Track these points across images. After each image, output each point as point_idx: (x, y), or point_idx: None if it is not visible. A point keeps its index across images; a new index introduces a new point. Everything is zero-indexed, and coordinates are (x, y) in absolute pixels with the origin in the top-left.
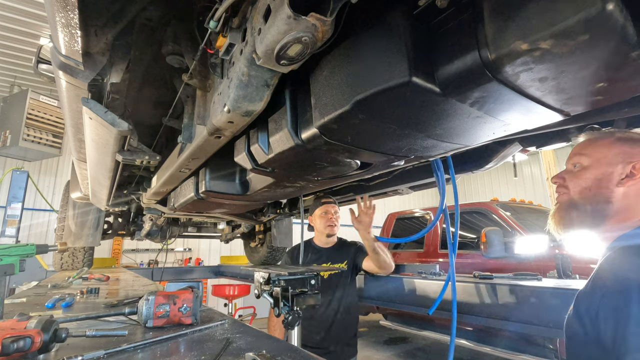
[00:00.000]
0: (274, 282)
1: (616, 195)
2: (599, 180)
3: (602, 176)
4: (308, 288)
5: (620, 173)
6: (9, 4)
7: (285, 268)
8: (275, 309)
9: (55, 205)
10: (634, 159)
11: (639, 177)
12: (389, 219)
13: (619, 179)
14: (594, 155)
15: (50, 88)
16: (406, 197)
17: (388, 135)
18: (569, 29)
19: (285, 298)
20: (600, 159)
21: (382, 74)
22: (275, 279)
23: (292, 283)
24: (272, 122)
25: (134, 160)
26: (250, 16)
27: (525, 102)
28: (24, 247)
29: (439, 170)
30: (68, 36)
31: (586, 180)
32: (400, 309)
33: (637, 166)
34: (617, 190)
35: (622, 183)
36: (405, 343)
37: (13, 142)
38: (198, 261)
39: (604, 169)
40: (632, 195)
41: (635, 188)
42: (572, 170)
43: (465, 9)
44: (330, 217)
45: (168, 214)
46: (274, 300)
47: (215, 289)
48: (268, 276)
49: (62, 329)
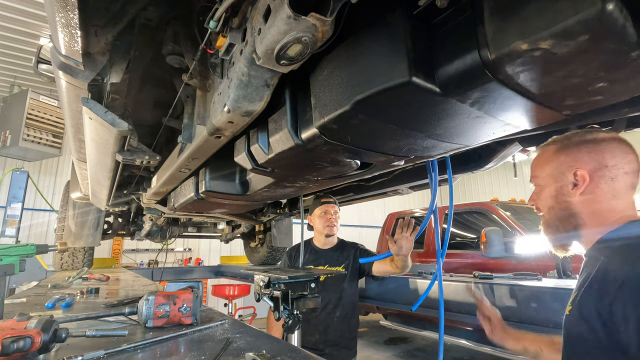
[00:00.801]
0: (273, 285)
1: (576, 206)
2: (555, 197)
3: (555, 192)
4: (308, 291)
5: (566, 184)
6: (9, 4)
7: (285, 271)
8: (275, 312)
9: (55, 205)
10: (573, 167)
11: (584, 184)
12: (389, 219)
13: (569, 190)
14: (542, 174)
15: (50, 88)
16: (406, 197)
17: (388, 135)
18: (569, 29)
19: (285, 302)
20: (548, 176)
21: (382, 74)
22: (275, 282)
23: (292, 286)
24: (272, 122)
25: (134, 160)
26: (250, 16)
27: (525, 102)
28: (24, 247)
29: (433, 172)
30: (68, 36)
31: (546, 199)
32: (400, 309)
33: (577, 173)
34: (573, 200)
35: (573, 193)
36: (405, 343)
37: (13, 142)
38: (198, 261)
39: (554, 185)
40: (590, 201)
41: (589, 193)
42: (536, 192)
43: (465, 9)
44: (330, 217)
45: (168, 214)
46: (274, 304)
47: (215, 289)
48: (268, 280)
49: (62, 329)
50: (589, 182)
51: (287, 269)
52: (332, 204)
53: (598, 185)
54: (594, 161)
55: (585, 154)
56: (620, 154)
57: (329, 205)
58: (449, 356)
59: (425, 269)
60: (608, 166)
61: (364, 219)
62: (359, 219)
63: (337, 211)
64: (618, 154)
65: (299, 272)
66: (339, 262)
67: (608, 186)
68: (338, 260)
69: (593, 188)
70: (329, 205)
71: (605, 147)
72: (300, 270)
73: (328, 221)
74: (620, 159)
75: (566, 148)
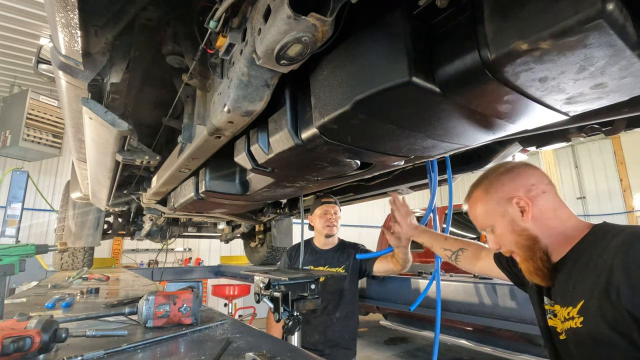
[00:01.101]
0: (273, 286)
1: (533, 229)
2: (512, 230)
3: (510, 227)
4: (308, 293)
5: (515, 214)
6: (9, 4)
7: (285, 272)
8: (275, 314)
9: (55, 205)
10: (510, 197)
11: (529, 207)
12: (389, 219)
13: (520, 218)
14: (487, 219)
15: (50, 88)
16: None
17: (388, 135)
18: (569, 29)
19: (285, 303)
20: (493, 217)
21: (382, 74)
22: (275, 284)
23: (292, 288)
24: (272, 122)
25: (134, 160)
26: (250, 16)
27: (525, 102)
28: (24, 247)
29: (433, 172)
30: (68, 36)
31: (508, 237)
32: (400, 309)
33: (519, 201)
34: (529, 226)
35: (525, 219)
36: (405, 343)
37: (13, 142)
38: (198, 261)
39: (505, 221)
40: (541, 219)
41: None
42: (493, 238)
43: (465, 9)
44: (330, 217)
45: (168, 214)
46: (274, 305)
47: (215, 289)
48: (268, 281)
49: (62, 329)
50: (531, 204)
51: (287, 270)
52: (332, 204)
53: (538, 204)
54: (522, 186)
55: (510, 183)
56: (533, 172)
57: (329, 205)
58: (449, 356)
59: (425, 269)
60: (533, 184)
61: (364, 219)
62: (359, 219)
63: (337, 211)
64: (532, 174)
65: (299, 273)
66: (339, 263)
67: (545, 201)
68: (338, 261)
69: (536, 208)
70: (330, 205)
71: (519, 173)
72: (300, 271)
73: (328, 221)
74: (535, 177)
75: (491, 186)
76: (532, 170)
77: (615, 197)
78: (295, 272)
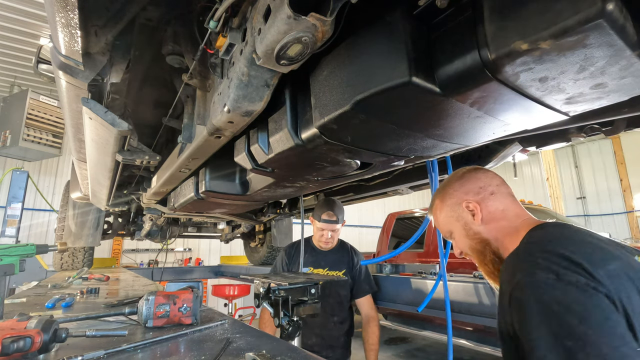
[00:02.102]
0: (274, 291)
1: (485, 233)
2: (466, 235)
3: (464, 231)
4: (308, 297)
5: (467, 218)
6: (9, 4)
7: (284, 277)
8: (275, 319)
9: (55, 205)
10: (461, 202)
11: (479, 210)
12: (389, 219)
13: (471, 222)
14: (446, 225)
15: (50, 88)
16: (406, 197)
17: (388, 135)
18: (569, 28)
19: (285, 308)
20: (450, 223)
21: (382, 74)
22: (275, 289)
23: (292, 293)
24: (272, 122)
25: (134, 160)
26: (250, 16)
27: (525, 102)
28: (24, 247)
29: (433, 172)
30: (68, 36)
31: (463, 241)
32: (400, 309)
33: (468, 205)
34: (481, 229)
35: (476, 222)
36: (405, 343)
37: (13, 142)
38: (198, 261)
39: (459, 225)
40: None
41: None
42: (454, 243)
43: (465, 9)
44: (325, 238)
45: (168, 214)
46: (274, 310)
47: (215, 289)
48: (268, 286)
49: (62, 329)
50: (480, 207)
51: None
52: (332, 224)
53: (486, 206)
54: (470, 191)
55: (460, 188)
56: (481, 176)
57: (328, 225)
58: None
59: (425, 269)
60: (482, 187)
61: (364, 219)
62: (359, 219)
63: (336, 230)
64: (479, 177)
65: (299, 277)
66: (339, 267)
67: (493, 202)
68: (339, 265)
69: (486, 211)
70: (329, 225)
71: (467, 177)
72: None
73: (323, 238)
74: (483, 179)
75: (445, 194)
76: (481, 174)
77: (615, 197)
78: (295, 277)
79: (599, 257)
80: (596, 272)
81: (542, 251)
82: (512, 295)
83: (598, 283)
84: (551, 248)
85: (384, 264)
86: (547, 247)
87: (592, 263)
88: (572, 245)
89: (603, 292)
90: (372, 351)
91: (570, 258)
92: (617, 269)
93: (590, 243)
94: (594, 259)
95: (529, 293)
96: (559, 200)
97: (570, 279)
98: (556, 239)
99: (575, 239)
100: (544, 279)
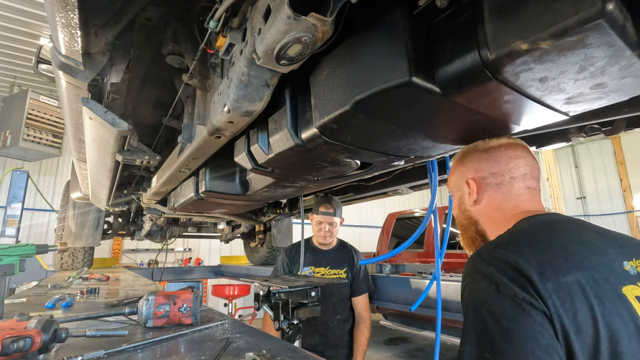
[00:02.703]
0: (274, 295)
1: (475, 214)
2: (458, 206)
3: (458, 202)
4: (308, 300)
5: (464, 193)
6: (9, 4)
7: (284, 280)
8: (275, 322)
9: (55, 205)
10: (467, 176)
11: (475, 191)
12: (389, 219)
13: (467, 199)
14: (450, 184)
15: (50, 88)
16: (406, 197)
17: (388, 135)
18: (569, 28)
19: (285, 311)
20: (453, 187)
21: (382, 74)
22: (276, 292)
23: (292, 295)
24: (272, 122)
25: (134, 160)
26: (250, 16)
27: (525, 102)
28: (24, 247)
29: (433, 172)
30: (68, 36)
31: (454, 208)
32: (400, 309)
33: (469, 183)
34: (472, 209)
35: (469, 202)
36: (405, 343)
37: (13, 142)
38: (198, 261)
39: (457, 195)
40: (483, 207)
41: (483, 201)
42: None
43: (465, 9)
44: (323, 232)
45: (168, 214)
46: (273, 314)
47: (215, 289)
48: (268, 290)
49: (62, 329)
50: (478, 189)
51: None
52: (329, 216)
53: (486, 192)
54: (481, 169)
55: (476, 162)
56: (505, 160)
57: (325, 217)
58: (449, 356)
59: (425, 269)
60: (493, 173)
61: (364, 219)
62: (359, 219)
63: (334, 223)
64: (502, 160)
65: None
66: (341, 266)
67: (494, 192)
68: (340, 264)
69: (483, 195)
70: (326, 217)
71: (491, 155)
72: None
73: (321, 232)
74: (504, 165)
75: (464, 158)
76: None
77: (615, 197)
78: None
79: (557, 266)
80: (543, 285)
81: (493, 256)
82: (462, 295)
83: (538, 299)
84: (503, 254)
85: (384, 264)
86: (502, 249)
87: (543, 275)
88: (534, 249)
89: (540, 309)
90: (360, 351)
91: (519, 268)
92: (573, 282)
93: (561, 247)
94: (550, 269)
95: (469, 299)
96: (559, 200)
97: (508, 292)
98: (520, 240)
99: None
100: (485, 288)
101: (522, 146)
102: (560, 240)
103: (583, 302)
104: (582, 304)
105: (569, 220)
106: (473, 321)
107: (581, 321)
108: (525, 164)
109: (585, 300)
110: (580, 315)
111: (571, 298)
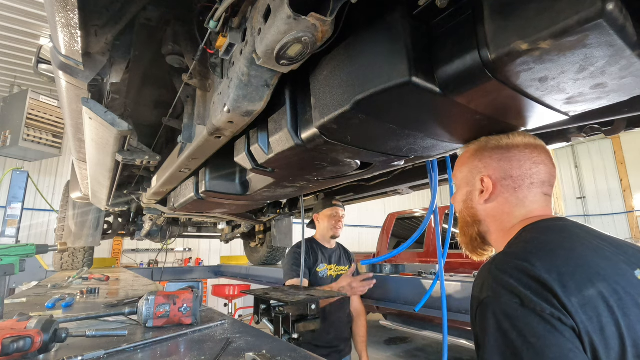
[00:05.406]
0: (274, 308)
1: (481, 213)
2: (464, 201)
3: (465, 197)
4: (308, 313)
5: (476, 190)
6: (9, 4)
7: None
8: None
9: (55, 205)
10: (482, 173)
11: (488, 192)
12: (389, 219)
13: (477, 196)
14: (459, 175)
15: (50, 88)
16: (406, 197)
17: (388, 135)
18: (569, 28)
19: (285, 325)
20: (463, 178)
21: (382, 74)
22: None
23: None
24: (272, 122)
25: (134, 160)
26: (250, 16)
27: (525, 102)
28: (24, 247)
29: (433, 172)
30: (68, 36)
31: (458, 203)
32: (400, 309)
33: (484, 181)
34: (480, 208)
35: (479, 201)
36: (405, 343)
37: (13, 142)
38: (198, 261)
39: (466, 189)
40: (493, 209)
41: (494, 202)
42: (455, 192)
43: (465, 9)
44: (339, 220)
45: (168, 214)
46: (274, 328)
47: (215, 289)
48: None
49: (62, 329)
50: (493, 190)
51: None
52: (341, 208)
53: (501, 194)
54: (501, 170)
55: (496, 160)
56: (529, 164)
57: (339, 208)
58: (449, 356)
59: (425, 268)
60: (513, 177)
61: (364, 219)
62: (359, 219)
63: (344, 215)
64: (525, 164)
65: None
66: (344, 262)
67: (510, 195)
68: (344, 260)
69: (496, 196)
70: (339, 208)
71: (515, 156)
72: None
73: (337, 223)
74: (527, 170)
75: (481, 152)
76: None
77: (615, 197)
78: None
79: (579, 278)
80: (569, 300)
81: (513, 268)
82: (477, 312)
83: (566, 314)
84: (524, 266)
85: (384, 264)
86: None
87: (567, 288)
88: (552, 260)
89: (569, 325)
90: (363, 343)
91: (543, 281)
92: (595, 296)
93: (578, 257)
94: (572, 281)
95: (490, 316)
96: (559, 200)
97: (535, 307)
98: (537, 250)
99: (561, 252)
100: (508, 302)
101: (546, 151)
102: (575, 249)
103: (609, 316)
104: (608, 319)
105: (575, 226)
106: (496, 339)
107: (609, 337)
108: (547, 172)
109: (611, 315)
110: (607, 330)
111: (597, 312)
